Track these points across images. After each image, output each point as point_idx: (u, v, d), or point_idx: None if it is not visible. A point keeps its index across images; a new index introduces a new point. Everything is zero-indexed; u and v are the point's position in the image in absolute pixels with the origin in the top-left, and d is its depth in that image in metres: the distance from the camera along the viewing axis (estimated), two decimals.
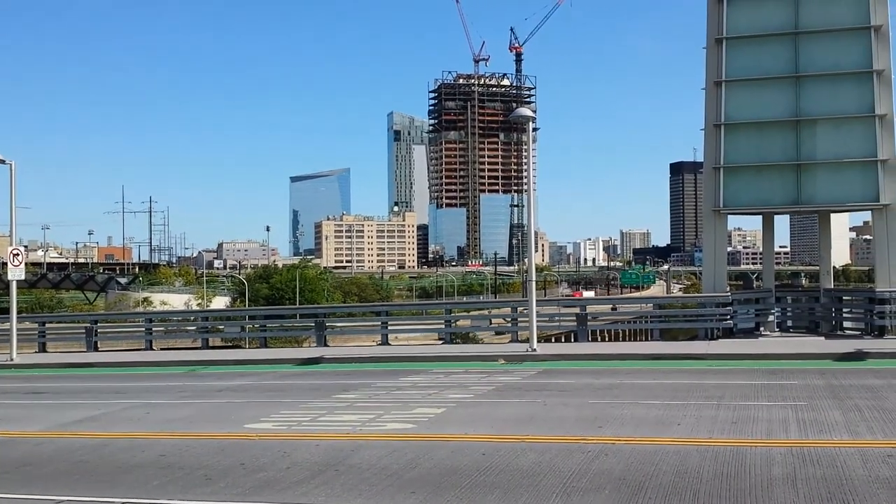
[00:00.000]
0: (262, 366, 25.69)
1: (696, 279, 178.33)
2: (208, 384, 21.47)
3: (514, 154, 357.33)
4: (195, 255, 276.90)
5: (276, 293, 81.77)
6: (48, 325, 35.88)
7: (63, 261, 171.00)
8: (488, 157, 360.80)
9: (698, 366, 21.20)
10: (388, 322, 31.26)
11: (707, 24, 28.44)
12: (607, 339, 45.75)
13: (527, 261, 28.92)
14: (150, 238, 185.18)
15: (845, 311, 28.65)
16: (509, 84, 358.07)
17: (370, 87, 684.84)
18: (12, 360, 28.85)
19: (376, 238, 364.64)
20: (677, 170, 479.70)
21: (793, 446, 11.00)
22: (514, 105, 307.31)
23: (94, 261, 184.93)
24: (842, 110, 27.13)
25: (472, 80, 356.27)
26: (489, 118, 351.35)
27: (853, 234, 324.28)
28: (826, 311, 28.59)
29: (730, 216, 29.77)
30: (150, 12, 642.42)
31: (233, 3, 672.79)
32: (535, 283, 26.08)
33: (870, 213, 27.70)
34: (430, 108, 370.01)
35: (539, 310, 27.00)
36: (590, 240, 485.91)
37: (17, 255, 29.33)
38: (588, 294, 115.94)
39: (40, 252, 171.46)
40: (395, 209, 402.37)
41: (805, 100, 27.34)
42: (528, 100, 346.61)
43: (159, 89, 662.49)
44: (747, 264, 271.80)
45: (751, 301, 29.06)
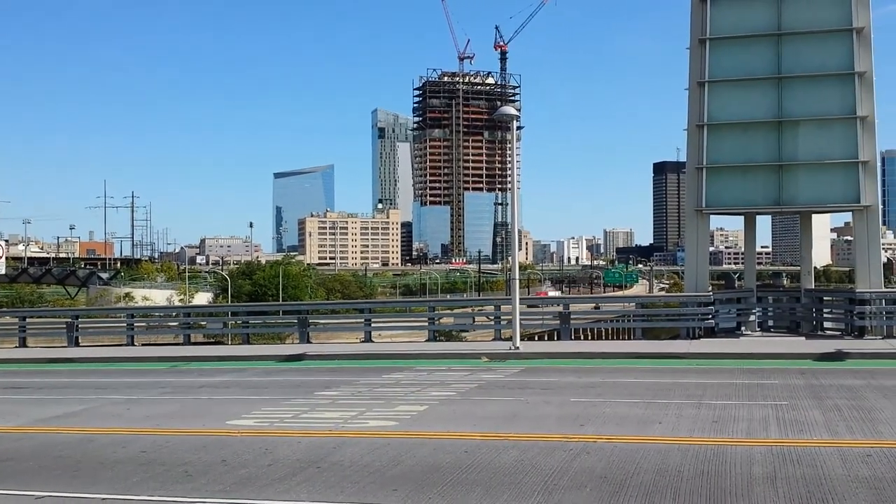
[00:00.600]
0: (245, 362, 25.60)
1: (678, 278, 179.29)
2: (190, 380, 21.38)
3: (499, 152, 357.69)
4: (178, 251, 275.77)
5: (259, 289, 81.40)
6: (29, 320, 35.57)
7: (44, 255, 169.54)
8: (473, 155, 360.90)
9: (680, 365, 21.31)
10: (372, 319, 31.21)
11: (690, 25, 28.56)
12: (590, 337, 45.89)
13: (510, 259, 29.02)
14: (133, 233, 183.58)
15: (826, 311, 28.85)
16: (494, 82, 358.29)
17: (355, 85, 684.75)
18: None
19: (360, 235, 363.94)
20: (660, 169, 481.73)
21: (773, 445, 11.08)
22: (498, 103, 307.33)
23: (76, 256, 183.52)
24: (824, 111, 27.31)
25: (457, 78, 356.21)
26: (474, 116, 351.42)
27: (834, 235, 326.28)
28: (807, 312, 28.80)
29: (712, 216, 29.95)
30: (133, 9, 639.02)
31: (220, 1, 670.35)
32: (518, 282, 26.10)
33: (851, 214, 27.92)
34: (415, 105, 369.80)
35: (522, 308, 27.04)
36: (573, 239, 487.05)
37: None
38: (553, 293, 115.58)
39: (21, 246, 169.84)
40: (380, 206, 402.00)
41: (788, 101, 27.52)
42: (512, 98, 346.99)
43: (145, 86, 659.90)
44: (729, 264, 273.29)
45: (732, 301, 29.24)
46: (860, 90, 26.75)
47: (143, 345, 33.48)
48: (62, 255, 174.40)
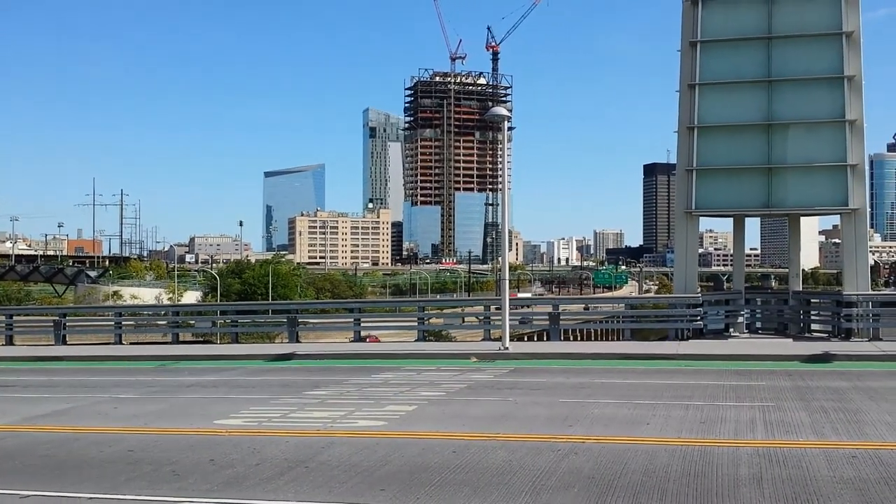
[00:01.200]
0: (233, 361, 25.54)
1: (667, 280, 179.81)
2: (178, 379, 21.32)
3: (490, 153, 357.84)
4: (167, 249, 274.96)
5: (249, 288, 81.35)
6: (16, 318, 35.41)
7: (32, 253, 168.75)
8: (464, 155, 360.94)
9: (668, 366, 21.38)
10: (361, 319, 31.20)
11: (682, 27, 28.65)
12: (580, 338, 46.00)
13: (501, 260, 29.04)
14: (121, 231, 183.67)
15: (813, 313, 28.98)
16: (485, 83, 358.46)
17: (346, 84, 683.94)
18: None
19: (350, 234, 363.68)
20: (651, 171, 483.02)
21: (759, 447, 11.13)
22: (490, 104, 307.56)
23: (64, 253, 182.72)
24: (813, 115, 27.44)
25: (449, 79, 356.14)
26: (465, 116, 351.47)
27: (822, 238, 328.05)
28: (794, 314, 28.91)
29: (701, 218, 30.03)
30: (124, 7, 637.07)
31: (212, 0, 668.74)
32: (508, 282, 26.13)
33: (839, 216, 28.06)
34: (406, 105, 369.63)
35: (512, 309, 27.07)
36: (563, 239, 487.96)
37: None
38: (524, 295, 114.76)
39: (8, 244, 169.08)
40: (370, 206, 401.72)
41: (777, 104, 27.63)
42: (503, 99, 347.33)
43: (133, 83, 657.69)
44: (718, 266, 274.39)
45: (721, 302, 29.34)
46: (849, 94, 26.88)
47: (132, 343, 33.36)
48: (50, 253, 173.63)
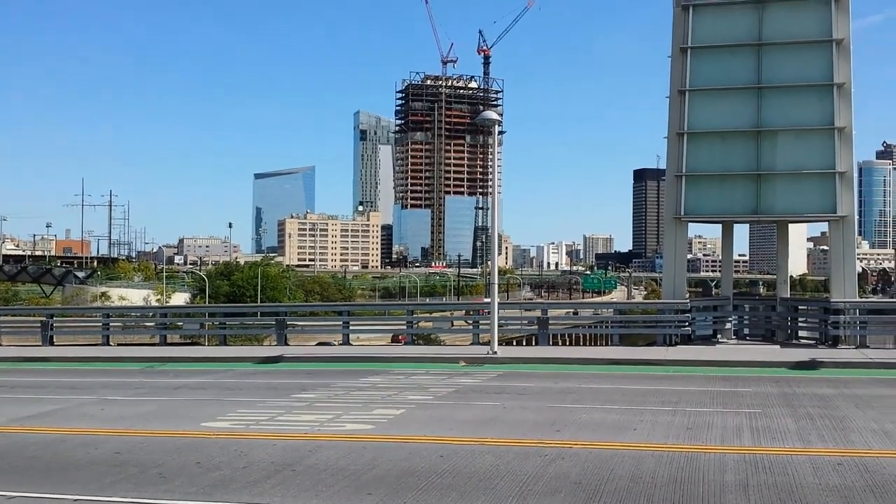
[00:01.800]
0: (221, 364, 25.46)
1: (656, 285, 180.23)
2: (165, 381, 21.26)
3: (480, 156, 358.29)
4: (155, 251, 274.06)
5: (238, 290, 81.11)
6: (2, 318, 35.25)
7: (20, 253, 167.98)
8: (454, 158, 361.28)
9: (656, 371, 21.43)
10: (350, 322, 31.17)
11: (672, 33, 28.74)
12: (568, 342, 46.03)
13: (490, 264, 29.09)
14: (110, 232, 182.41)
15: (801, 320, 29.08)
16: (477, 86, 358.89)
17: (337, 86, 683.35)
18: None
19: (340, 237, 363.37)
20: (640, 176, 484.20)
21: (746, 453, 11.17)
22: (480, 107, 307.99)
23: (52, 254, 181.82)
24: (802, 122, 27.56)
25: (440, 82, 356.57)
26: (456, 120, 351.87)
27: (811, 245, 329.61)
28: (782, 320, 29.01)
29: (690, 224, 30.12)
30: (113, 3, 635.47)
31: (202, 1, 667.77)
32: (497, 287, 26.15)
33: (827, 224, 28.18)
34: (397, 108, 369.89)
35: (501, 313, 27.08)
36: (553, 244, 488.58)
37: None
38: (488, 300, 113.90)
39: None
40: (360, 209, 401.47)
41: (767, 110, 27.74)
42: (494, 103, 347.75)
43: (123, 82, 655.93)
44: (707, 272, 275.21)
45: (709, 308, 29.43)
46: (838, 101, 27.01)
47: (119, 345, 33.23)
48: (38, 253, 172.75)
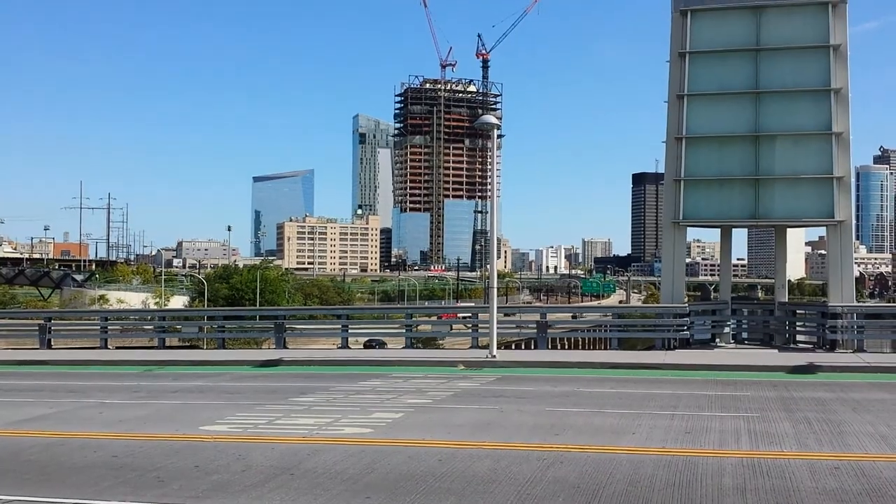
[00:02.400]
0: (220, 367, 25.47)
1: (655, 289, 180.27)
2: (164, 384, 21.26)
3: (479, 160, 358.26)
4: (154, 254, 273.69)
5: (236, 294, 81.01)
6: (0, 322, 35.21)
7: (17, 256, 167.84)
8: (453, 162, 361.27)
9: (655, 375, 21.45)
10: (349, 326, 31.18)
11: (671, 38, 28.81)
12: (568, 346, 46.03)
13: (489, 267, 29.06)
14: (108, 235, 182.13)
15: (799, 324, 29.14)
16: (475, 90, 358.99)
17: (336, 89, 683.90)
18: None
19: (339, 240, 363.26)
20: (639, 180, 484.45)
21: (744, 457, 11.19)
22: (479, 111, 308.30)
23: (50, 257, 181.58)
24: (800, 127, 27.63)
25: (439, 86, 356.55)
26: (455, 124, 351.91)
27: (809, 249, 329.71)
28: (780, 325, 29.05)
29: (689, 228, 30.18)
30: (113, 4, 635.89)
31: (202, 3, 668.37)
32: (496, 290, 26.17)
33: (825, 228, 28.23)
34: (396, 111, 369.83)
35: (500, 317, 27.10)
36: (552, 248, 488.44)
37: None
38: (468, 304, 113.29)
39: None
40: (359, 212, 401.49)
41: (764, 115, 27.81)
42: (493, 106, 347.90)
43: (121, 84, 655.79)
44: (706, 275, 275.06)
45: (707, 312, 29.45)
46: (836, 106, 27.08)
47: (117, 348, 33.23)
48: (36, 256, 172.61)
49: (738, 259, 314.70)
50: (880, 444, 12.10)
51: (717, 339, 29.01)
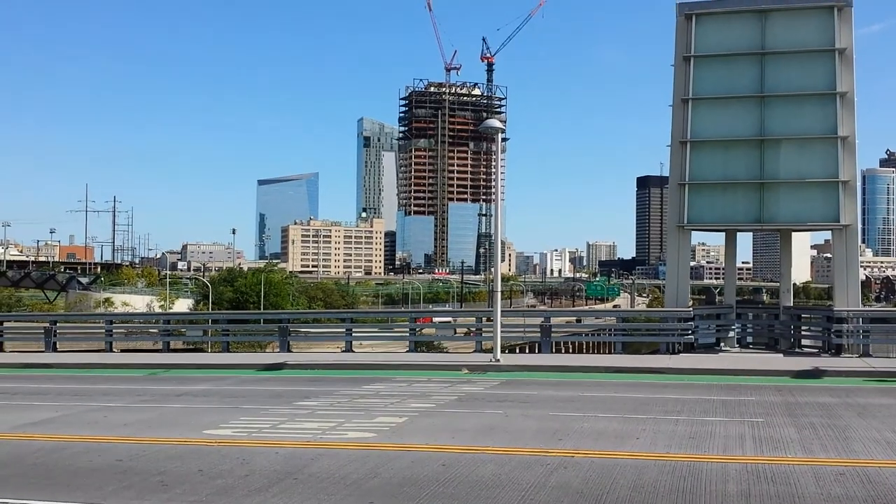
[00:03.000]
0: (224, 370, 25.49)
1: (659, 292, 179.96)
2: (168, 388, 21.27)
3: (484, 163, 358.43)
4: (159, 257, 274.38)
5: (241, 297, 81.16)
6: (6, 325, 35.29)
7: (23, 259, 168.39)
8: (458, 165, 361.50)
9: (659, 380, 21.41)
10: (353, 329, 31.18)
11: (675, 42, 28.80)
12: (572, 350, 45.93)
13: (493, 271, 28.97)
14: (114, 238, 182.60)
15: (804, 329, 29.06)
16: (480, 94, 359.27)
17: (341, 93, 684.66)
18: None
19: (343, 243, 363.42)
20: (644, 183, 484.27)
21: (748, 463, 11.16)
22: (484, 114, 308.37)
23: (56, 259, 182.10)
24: (805, 131, 27.60)
25: (444, 89, 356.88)
26: (459, 127, 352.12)
27: (814, 252, 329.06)
28: (785, 329, 28.99)
29: (694, 232, 30.13)
30: (118, 7, 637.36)
31: (207, 7, 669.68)
32: (500, 294, 26.15)
33: (830, 232, 28.17)
34: (401, 115, 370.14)
35: (504, 320, 27.09)
36: (556, 251, 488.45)
37: None
38: (438, 319, 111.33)
39: (0, 249, 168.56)
40: (364, 215, 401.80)
41: (770, 119, 27.78)
42: (498, 110, 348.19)
43: (127, 88, 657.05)
44: (710, 279, 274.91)
45: (712, 317, 29.40)
46: (841, 110, 27.05)
47: (122, 351, 33.26)
48: (42, 259, 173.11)
49: (743, 262, 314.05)
50: (886, 450, 12.05)
51: (722, 344, 28.94)
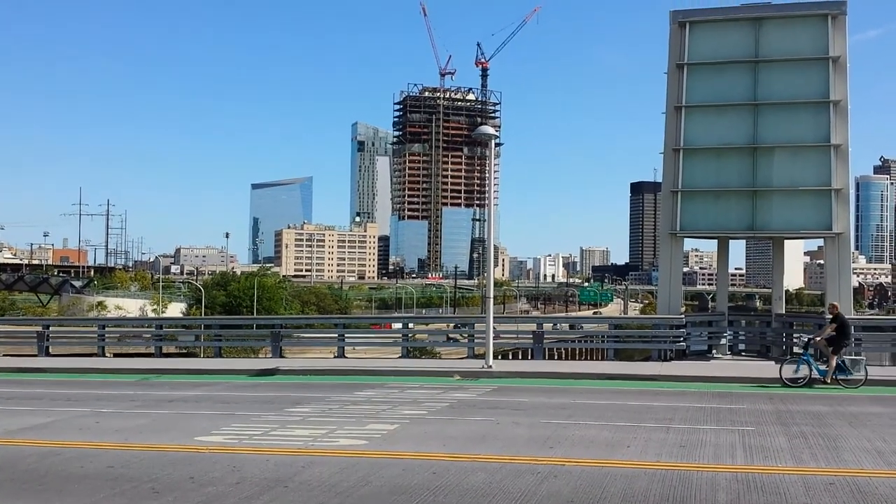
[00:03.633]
0: (216, 376, 25.47)
1: (652, 298, 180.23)
2: (160, 394, 21.25)
3: (478, 168, 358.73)
4: (152, 260, 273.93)
5: (234, 301, 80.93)
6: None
7: (17, 262, 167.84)
8: (451, 170, 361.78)
9: (650, 387, 21.45)
10: (346, 335, 31.17)
11: (669, 50, 28.91)
12: (564, 356, 45.96)
13: (486, 277, 28.95)
14: (107, 241, 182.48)
15: (795, 336, 29.10)
16: (474, 99, 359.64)
17: (335, 97, 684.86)
18: None
19: (337, 248, 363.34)
20: (637, 189, 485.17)
21: (738, 472, 11.18)
22: (478, 119, 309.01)
23: (49, 263, 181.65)
24: (798, 139, 27.71)
25: (438, 94, 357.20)
26: (454, 132, 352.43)
27: (807, 259, 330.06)
28: (777, 336, 29.07)
29: (687, 239, 30.21)
30: (112, 10, 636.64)
31: (198, 5, 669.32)
32: (492, 300, 26.17)
33: (823, 239, 28.27)
34: (395, 119, 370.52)
35: (496, 326, 27.11)
36: (550, 256, 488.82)
37: None
38: (397, 326, 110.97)
39: None
40: (357, 219, 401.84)
41: (763, 127, 27.89)
42: (492, 115, 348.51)
43: (121, 91, 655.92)
44: (703, 285, 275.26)
45: (704, 324, 29.48)
46: (835, 118, 27.17)
47: (115, 355, 33.21)
48: (35, 262, 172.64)
49: (736, 268, 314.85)
50: (876, 459, 12.09)
51: (714, 351, 29.01)
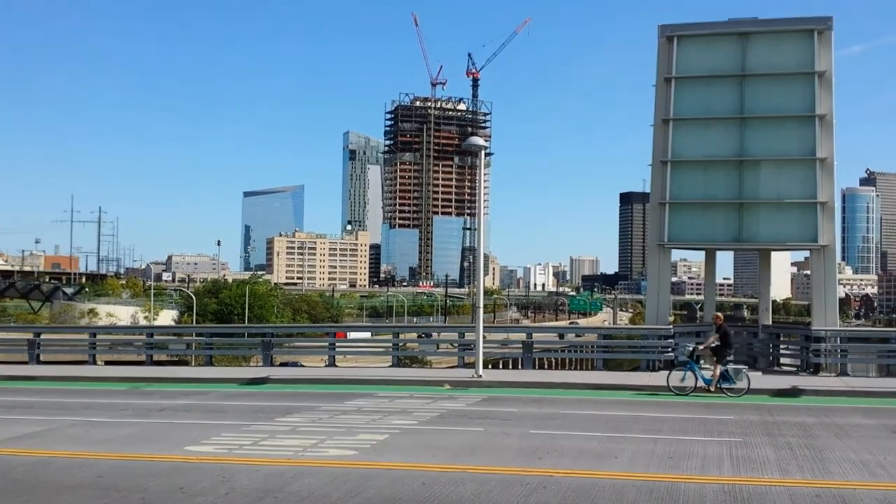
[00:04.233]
0: (207, 384, 25.49)
1: (642, 307, 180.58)
2: (151, 402, 21.26)
3: (468, 177, 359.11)
4: (144, 267, 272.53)
5: (225, 308, 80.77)
6: None
7: (8, 269, 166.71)
8: (442, 179, 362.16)
9: (639, 397, 21.60)
10: (336, 343, 31.22)
11: (657, 63, 29.15)
12: (554, 365, 46.14)
13: (476, 285, 29.07)
14: (99, 249, 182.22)
15: (782, 347, 29.36)
16: (465, 109, 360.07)
17: (327, 106, 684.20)
18: None
19: (328, 256, 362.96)
20: (627, 199, 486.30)
21: (725, 483, 11.31)
22: (469, 129, 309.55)
23: (41, 269, 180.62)
24: (784, 152, 27.98)
25: (429, 104, 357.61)
26: (444, 141, 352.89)
27: (794, 269, 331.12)
28: (764, 347, 29.27)
29: (674, 249, 30.41)
30: (103, 19, 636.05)
31: (190, 14, 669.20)
32: (482, 310, 26.28)
33: (809, 252, 28.50)
34: (387, 128, 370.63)
35: (486, 335, 27.22)
36: (540, 265, 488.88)
37: None
38: (354, 335, 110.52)
39: None
40: (349, 228, 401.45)
41: (749, 140, 28.15)
42: (483, 125, 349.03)
43: (112, 98, 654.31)
44: (692, 294, 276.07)
45: (692, 334, 29.61)
46: (820, 132, 27.44)
47: (106, 363, 33.16)
48: (26, 269, 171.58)
49: (724, 278, 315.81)
50: (862, 471, 12.22)
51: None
